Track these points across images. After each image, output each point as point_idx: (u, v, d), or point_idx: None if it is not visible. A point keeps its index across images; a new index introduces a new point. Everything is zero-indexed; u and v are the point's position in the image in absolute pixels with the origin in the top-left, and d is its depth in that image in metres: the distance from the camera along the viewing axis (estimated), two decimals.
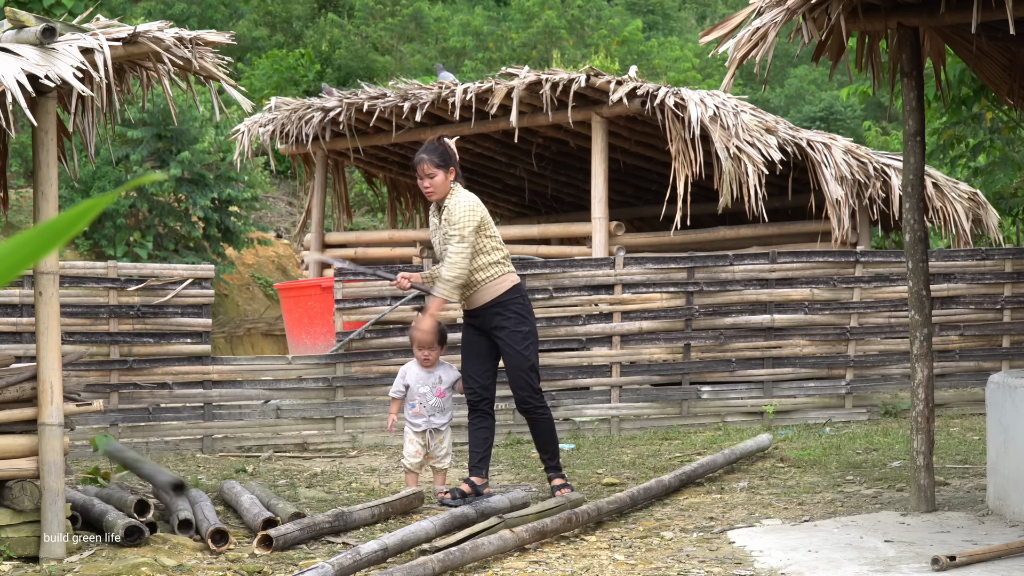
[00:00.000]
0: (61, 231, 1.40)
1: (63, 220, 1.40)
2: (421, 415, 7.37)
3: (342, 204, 15.41)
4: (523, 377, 7.15)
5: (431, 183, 7.20)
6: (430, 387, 7.38)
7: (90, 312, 9.40)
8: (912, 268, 6.72)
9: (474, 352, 7.26)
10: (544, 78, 11.43)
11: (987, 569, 5.35)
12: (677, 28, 31.86)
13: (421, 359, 7.39)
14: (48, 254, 1.42)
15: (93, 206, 1.39)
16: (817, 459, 8.42)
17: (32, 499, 5.81)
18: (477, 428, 7.29)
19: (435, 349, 7.37)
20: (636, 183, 14.86)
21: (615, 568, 5.58)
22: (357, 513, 6.50)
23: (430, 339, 7.29)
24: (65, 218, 1.40)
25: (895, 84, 7.98)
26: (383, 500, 6.79)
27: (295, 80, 23.67)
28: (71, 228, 1.39)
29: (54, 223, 1.40)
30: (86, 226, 1.42)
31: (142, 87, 6.45)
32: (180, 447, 9.58)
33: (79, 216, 1.39)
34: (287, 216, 21.88)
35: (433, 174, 7.18)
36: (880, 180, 11.69)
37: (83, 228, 1.41)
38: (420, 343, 7.32)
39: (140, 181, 1.55)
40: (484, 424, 7.28)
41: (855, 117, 27.10)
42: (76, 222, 1.39)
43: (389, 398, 7.68)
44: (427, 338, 7.27)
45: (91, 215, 1.39)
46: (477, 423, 7.28)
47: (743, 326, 10.41)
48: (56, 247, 1.40)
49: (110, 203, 2.14)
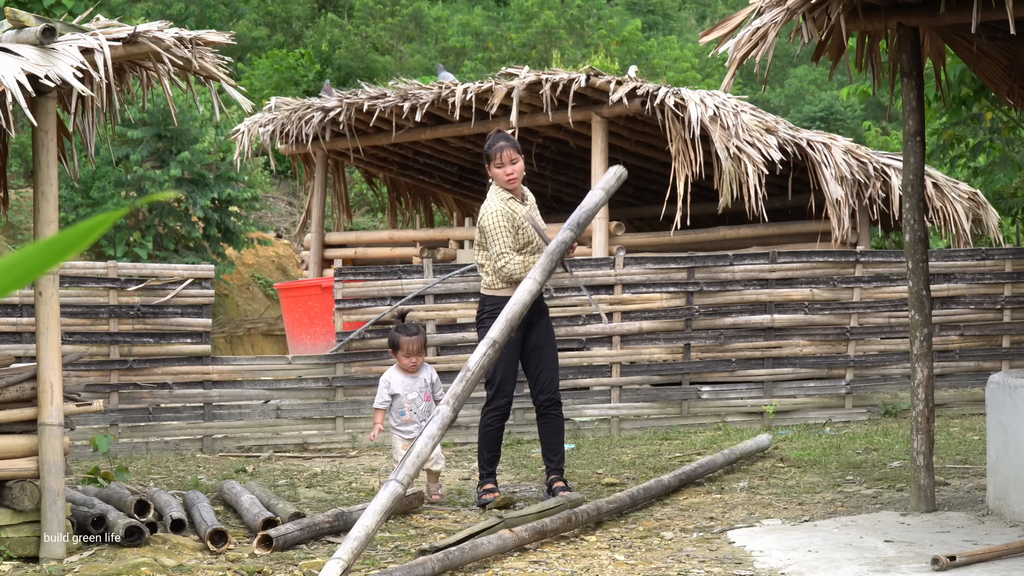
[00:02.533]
0: (72, 244, 1.40)
1: (74, 233, 1.39)
2: (412, 422, 7.32)
3: (342, 204, 15.40)
4: (558, 373, 7.26)
5: (515, 170, 7.15)
6: (418, 392, 7.35)
7: (90, 312, 9.40)
8: (912, 268, 6.72)
9: (515, 355, 7.15)
10: (544, 78, 11.43)
11: (987, 569, 5.35)
12: (677, 28, 31.85)
13: (409, 366, 7.34)
14: (57, 265, 1.41)
15: (104, 220, 1.39)
16: (817, 459, 8.42)
17: (32, 499, 5.81)
18: (501, 430, 7.25)
19: (422, 355, 7.39)
20: (636, 183, 14.86)
21: (615, 568, 5.58)
22: (357, 513, 6.49)
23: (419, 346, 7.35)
24: (76, 231, 1.39)
25: (895, 84, 7.98)
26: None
27: (295, 80, 23.68)
28: (81, 241, 1.39)
29: (65, 236, 1.40)
30: (96, 239, 1.42)
31: (142, 87, 6.44)
32: (180, 447, 9.58)
33: (90, 230, 1.39)
34: (287, 216, 21.88)
35: (517, 159, 7.16)
36: (880, 180, 11.69)
37: (93, 242, 1.41)
38: (408, 351, 7.34)
39: (155, 197, 1.55)
40: (503, 424, 7.28)
41: (855, 117, 27.10)
42: (86, 236, 1.39)
43: (373, 409, 7.57)
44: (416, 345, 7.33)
45: (101, 230, 1.39)
46: (502, 427, 7.25)
47: (743, 326, 10.41)
48: (66, 259, 1.39)
49: (120, 218, 2.11)
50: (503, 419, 7.19)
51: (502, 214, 7.08)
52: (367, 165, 15.04)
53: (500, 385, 7.12)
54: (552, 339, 7.26)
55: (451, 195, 15.96)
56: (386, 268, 10.17)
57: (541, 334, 7.19)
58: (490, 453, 7.21)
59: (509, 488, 7.67)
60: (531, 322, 7.13)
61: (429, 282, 10.03)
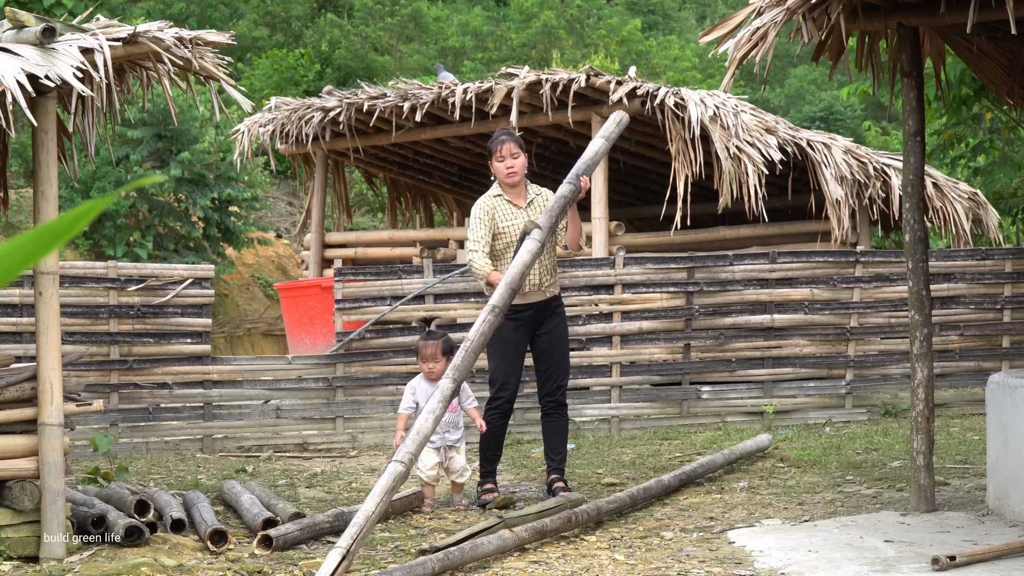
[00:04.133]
0: (61, 232, 1.40)
1: (63, 221, 1.40)
2: (436, 432, 7.24)
3: (342, 204, 15.40)
4: (567, 376, 7.22)
5: (516, 164, 7.10)
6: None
7: (90, 312, 9.40)
8: (912, 268, 6.72)
9: (519, 353, 7.11)
10: (544, 78, 11.43)
11: (987, 569, 5.35)
12: (677, 28, 31.85)
13: (426, 371, 7.16)
14: (48, 255, 1.42)
15: (92, 208, 1.39)
16: (817, 459, 8.42)
17: (32, 499, 5.81)
18: (503, 428, 7.20)
19: (439, 361, 7.10)
20: (636, 183, 14.87)
21: (615, 568, 5.58)
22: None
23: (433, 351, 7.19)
24: (65, 219, 1.40)
25: (895, 84, 7.98)
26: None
27: (295, 80, 23.67)
28: (71, 229, 1.39)
29: (54, 224, 1.40)
30: (86, 227, 1.42)
31: (142, 87, 6.44)
32: (180, 447, 9.58)
33: (79, 217, 1.39)
34: (287, 216, 21.88)
35: (518, 155, 7.11)
36: (880, 180, 11.70)
37: (83, 229, 1.41)
38: (423, 356, 7.22)
39: (140, 183, 1.55)
40: (506, 422, 7.24)
41: (855, 117, 27.09)
42: (76, 223, 1.39)
43: (396, 414, 7.41)
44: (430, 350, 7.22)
45: (90, 216, 1.39)
46: (504, 424, 7.20)
47: (743, 326, 10.41)
48: (56, 248, 1.40)
49: (110, 204, 2.11)
50: (504, 417, 7.14)
51: (483, 208, 7.05)
52: (367, 165, 15.04)
53: (501, 382, 7.08)
54: (563, 341, 7.19)
55: (451, 195, 15.96)
56: (386, 268, 10.17)
57: (553, 335, 7.14)
58: (491, 452, 7.18)
59: (509, 488, 7.66)
60: (540, 321, 7.11)
61: (429, 282, 10.03)
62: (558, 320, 7.17)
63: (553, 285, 7.13)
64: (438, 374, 6.94)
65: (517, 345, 7.07)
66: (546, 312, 7.10)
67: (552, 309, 7.13)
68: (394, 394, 9.92)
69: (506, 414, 7.16)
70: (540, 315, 7.10)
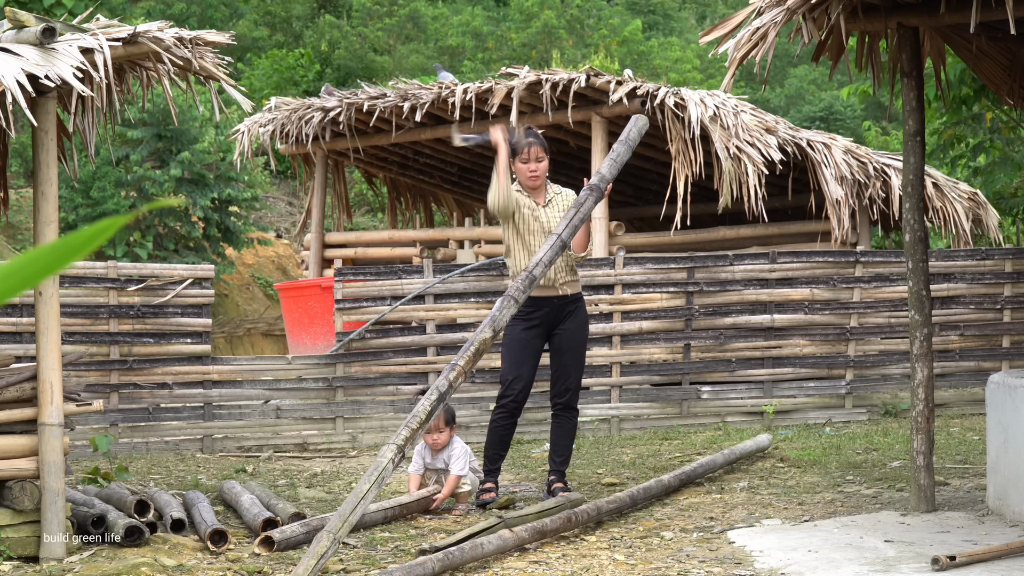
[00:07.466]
0: (78, 247, 1.39)
1: (80, 237, 1.39)
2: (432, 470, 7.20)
3: (342, 204, 15.40)
4: (579, 380, 7.18)
5: (539, 168, 7.12)
6: (440, 469, 7.14)
7: (90, 312, 9.40)
8: (912, 268, 6.72)
9: (530, 353, 7.08)
10: (544, 78, 11.43)
11: (987, 569, 5.35)
12: (677, 28, 31.85)
13: (430, 442, 7.07)
14: (63, 269, 1.41)
15: (110, 225, 1.39)
16: (817, 459, 8.42)
17: (32, 499, 5.81)
18: (508, 427, 7.17)
19: (443, 431, 7.05)
20: (636, 183, 14.86)
21: (615, 568, 5.58)
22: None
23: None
24: (83, 235, 1.39)
25: (895, 84, 7.98)
26: (399, 501, 6.77)
27: (295, 80, 23.68)
28: (88, 245, 1.39)
29: (71, 239, 1.39)
30: (104, 243, 1.42)
31: (142, 87, 6.44)
32: (180, 447, 9.58)
33: (96, 234, 1.39)
34: (287, 216, 21.89)
35: (543, 159, 7.13)
36: (880, 180, 11.69)
37: (100, 245, 1.41)
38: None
39: (160, 204, 1.55)
40: (512, 421, 7.20)
41: (855, 117, 27.10)
42: (93, 239, 1.39)
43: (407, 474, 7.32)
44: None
45: (108, 234, 1.39)
46: (510, 424, 7.18)
47: (743, 326, 10.41)
48: (72, 262, 1.39)
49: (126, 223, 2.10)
50: (510, 417, 7.11)
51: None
52: (367, 165, 15.04)
53: (509, 382, 7.07)
54: (576, 344, 7.14)
55: (451, 195, 15.96)
56: (386, 268, 10.17)
57: (564, 337, 7.11)
58: (494, 451, 7.17)
59: (509, 488, 7.66)
60: (556, 322, 7.10)
61: (429, 282, 10.02)
62: (574, 321, 7.12)
63: (569, 284, 7.11)
64: (441, 445, 7.06)
65: (527, 345, 7.05)
66: (562, 312, 7.09)
67: (569, 310, 7.11)
68: (394, 394, 9.93)
69: (512, 413, 7.12)
70: (556, 315, 7.08)
